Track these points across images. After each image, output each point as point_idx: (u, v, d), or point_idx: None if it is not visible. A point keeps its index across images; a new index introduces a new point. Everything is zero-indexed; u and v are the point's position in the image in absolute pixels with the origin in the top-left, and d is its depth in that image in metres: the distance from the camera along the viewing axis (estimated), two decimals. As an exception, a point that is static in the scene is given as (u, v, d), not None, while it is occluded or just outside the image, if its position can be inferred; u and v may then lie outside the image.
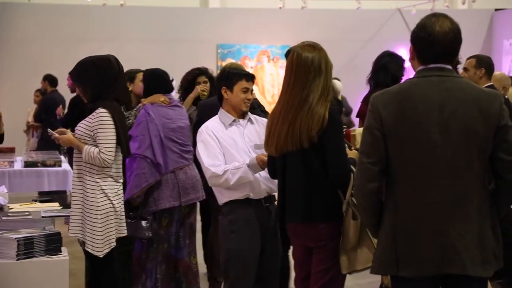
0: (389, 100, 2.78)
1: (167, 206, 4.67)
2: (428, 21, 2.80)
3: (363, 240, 3.41)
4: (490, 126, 2.72)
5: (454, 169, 2.72)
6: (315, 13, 14.79)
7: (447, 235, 2.72)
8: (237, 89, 4.03)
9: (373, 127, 2.78)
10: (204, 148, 3.95)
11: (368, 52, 5.99)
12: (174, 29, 14.24)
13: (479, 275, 2.74)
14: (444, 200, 2.72)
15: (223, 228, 4.01)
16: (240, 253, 3.92)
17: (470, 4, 14.71)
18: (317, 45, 3.55)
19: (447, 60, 2.80)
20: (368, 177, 2.80)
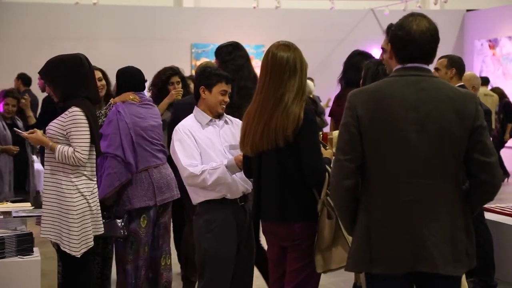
0: (366, 98, 2.79)
1: (142, 205, 4.63)
2: (406, 20, 2.82)
3: (338, 239, 3.41)
4: (465, 126, 2.73)
5: (428, 169, 2.74)
6: (289, 13, 14.83)
7: (419, 233, 2.73)
8: (216, 91, 4.02)
9: (350, 124, 2.79)
10: (181, 147, 3.91)
11: (341, 52, 6.01)
12: (148, 28, 14.19)
13: (450, 273, 2.76)
14: (418, 199, 2.74)
15: (199, 228, 3.98)
16: (217, 253, 3.89)
17: (442, 5, 14.85)
18: (292, 44, 3.55)
19: (424, 59, 2.81)
20: (344, 174, 2.81)
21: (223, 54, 4.67)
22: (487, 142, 2.77)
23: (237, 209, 3.95)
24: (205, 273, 3.93)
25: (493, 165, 2.76)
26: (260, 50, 14.42)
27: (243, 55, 4.64)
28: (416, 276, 2.81)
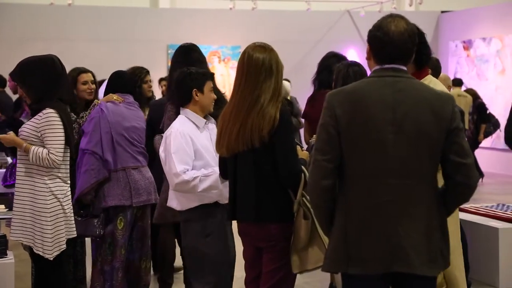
0: (344, 98, 2.80)
1: (116, 203, 4.60)
2: (384, 21, 2.83)
3: (314, 240, 3.42)
4: (442, 128, 2.75)
5: (405, 169, 2.75)
6: (266, 14, 14.84)
7: (395, 234, 2.74)
8: (206, 90, 4.05)
9: (328, 124, 2.79)
10: (177, 153, 3.89)
11: (317, 53, 6.04)
12: (124, 29, 14.12)
13: (426, 274, 2.77)
14: (394, 200, 2.75)
15: (194, 233, 3.98)
16: (218, 256, 3.97)
17: (417, 6, 14.96)
18: (268, 46, 3.56)
19: (402, 60, 2.82)
20: (322, 174, 2.81)
21: (176, 54, 4.65)
22: (463, 144, 2.79)
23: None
24: (208, 278, 3.97)
25: (469, 167, 2.78)
26: (237, 51, 14.42)
27: (197, 56, 4.62)
28: (392, 276, 2.82)
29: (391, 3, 15.03)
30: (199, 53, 4.73)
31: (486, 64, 14.21)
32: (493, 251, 5.65)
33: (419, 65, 3.69)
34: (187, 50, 4.67)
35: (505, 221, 5.82)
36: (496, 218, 5.93)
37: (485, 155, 13.21)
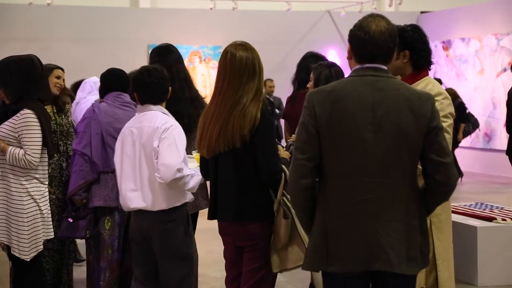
0: (324, 97, 2.81)
1: (101, 204, 4.57)
2: (365, 21, 2.84)
3: (294, 239, 3.43)
4: (421, 127, 2.76)
5: (385, 168, 2.76)
6: (246, 14, 14.86)
7: (375, 233, 2.76)
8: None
9: (308, 123, 2.80)
10: (181, 147, 3.87)
11: (298, 53, 6.05)
12: (104, 29, 14.07)
13: (405, 272, 2.79)
14: (373, 198, 2.76)
15: (178, 234, 3.96)
16: (195, 256, 4.06)
17: (396, 7, 15.05)
18: (249, 45, 3.55)
19: (382, 60, 2.83)
20: (302, 173, 2.82)
21: (153, 55, 4.60)
22: (443, 143, 2.80)
23: None
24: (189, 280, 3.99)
25: (449, 166, 2.79)
26: (217, 51, 14.41)
27: (173, 57, 4.56)
28: (372, 274, 2.84)
29: (371, 3, 15.11)
30: (177, 53, 4.68)
31: (465, 64, 14.33)
32: (472, 249, 5.70)
33: (417, 66, 3.67)
34: (164, 50, 4.62)
35: (483, 220, 5.87)
36: (474, 217, 5.98)
37: (464, 155, 13.32)
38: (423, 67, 3.69)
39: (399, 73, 3.69)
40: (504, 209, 6.28)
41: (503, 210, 6.25)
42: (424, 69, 3.71)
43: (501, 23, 13.39)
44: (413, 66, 3.67)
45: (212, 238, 7.36)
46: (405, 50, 3.63)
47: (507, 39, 13.15)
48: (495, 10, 13.63)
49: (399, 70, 3.67)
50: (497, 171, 12.72)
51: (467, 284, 5.70)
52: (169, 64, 4.45)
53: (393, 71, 3.66)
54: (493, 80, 13.52)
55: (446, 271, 3.72)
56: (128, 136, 4.00)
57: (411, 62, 3.66)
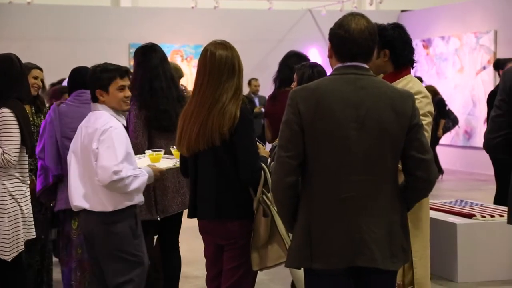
0: (307, 95, 2.83)
1: (63, 207, 4.52)
2: (345, 19, 2.87)
3: (274, 237, 3.45)
4: (403, 125, 2.80)
5: (367, 166, 2.79)
6: (228, 13, 14.86)
7: (358, 229, 2.78)
8: (112, 89, 3.84)
9: (292, 121, 2.82)
10: (119, 148, 3.76)
11: (279, 52, 6.08)
12: (85, 28, 14.01)
13: (388, 268, 2.82)
14: (357, 196, 2.79)
15: (124, 236, 3.85)
16: (145, 258, 3.94)
17: (377, 5, 15.12)
18: (228, 44, 3.55)
19: (363, 58, 2.86)
20: (286, 171, 2.83)
21: (138, 55, 4.57)
22: (423, 140, 2.84)
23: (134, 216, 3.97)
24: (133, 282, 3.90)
25: (429, 162, 2.84)
26: (199, 50, 14.32)
27: (158, 56, 4.53)
28: (355, 270, 2.86)
29: (352, 2, 15.17)
30: (162, 52, 4.63)
31: (445, 62, 14.43)
32: (452, 246, 5.75)
33: (397, 65, 3.69)
34: (149, 50, 4.59)
35: (463, 217, 5.92)
36: (454, 213, 6.03)
37: (444, 152, 13.42)
38: (404, 65, 3.72)
39: (380, 72, 3.72)
40: (484, 206, 6.34)
41: (483, 207, 6.31)
42: (406, 67, 3.73)
43: (480, 21, 13.51)
44: (394, 65, 3.69)
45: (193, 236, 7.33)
46: (385, 49, 3.66)
47: (487, 37, 13.26)
48: (475, 9, 13.74)
49: (380, 69, 3.69)
50: (477, 169, 12.83)
51: (447, 281, 5.76)
52: (155, 63, 4.44)
53: (374, 70, 3.69)
54: (473, 78, 13.62)
55: (423, 269, 3.75)
56: (78, 135, 3.93)
57: (391, 61, 3.68)
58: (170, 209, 4.45)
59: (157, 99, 4.39)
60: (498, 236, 5.81)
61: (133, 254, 3.88)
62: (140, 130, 4.37)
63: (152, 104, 4.38)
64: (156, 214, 4.42)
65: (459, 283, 5.70)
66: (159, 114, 4.39)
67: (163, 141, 4.44)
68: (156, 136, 4.43)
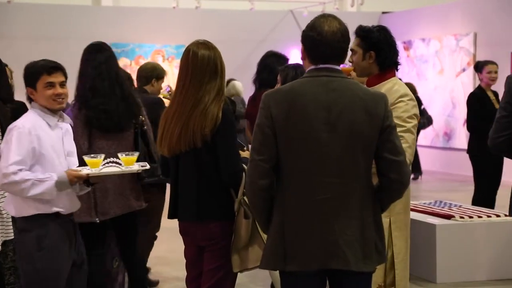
0: (280, 98, 2.84)
1: None
2: (317, 21, 2.88)
3: (255, 239, 3.44)
4: (375, 126, 2.81)
5: (340, 168, 2.80)
6: (209, 13, 14.84)
7: (331, 231, 2.80)
8: (40, 87, 3.60)
9: (264, 124, 2.83)
10: (15, 150, 3.47)
11: (261, 53, 6.08)
12: (66, 27, 13.93)
13: (361, 270, 2.83)
14: (330, 198, 2.80)
15: (27, 246, 3.56)
16: (53, 272, 3.58)
17: (358, 7, 15.18)
18: (210, 44, 3.53)
19: (335, 60, 2.87)
20: (259, 174, 2.85)
21: (83, 54, 4.46)
22: (396, 142, 2.86)
23: (68, 224, 3.69)
24: None
25: (402, 164, 2.85)
26: (181, 50, 14.31)
27: (104, 55, 4.40)
28: (329, 272, 2.88)
29: (334, 3, 15.22)
30: (109, 52, 4.47)
31: (425, 64, 14.52)
32: (431, 247, 5.78)
33: (382, 67, 3.71)
34: (95, 49, 4.44)
35: (442, 218, 5.96)
36: (433, 214, 6.07)
37: (424, 153, 13.50)
38: (389, 67, 3.74)
39: (365, 74, 3.74)
40: (462, 207, 6.40)
41: (461, 208, 6.36)
42: (390, 70, 3.75)
43: (460, 24, 13.61)
44: (379, 67, 3.71)
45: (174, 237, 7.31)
46: (371, 51, 3.67)
47: (466, 39, 13.36)
48: (455, 11, 13.84)
49: (366, 71, 3.71)
50: (456, 170, 12.92)
51: (426, 281, 5.79)
52: (99, 62, 4.33)
53: (359, 72, 3.72)
54: (453, 80, 13.72)
55: (403, 270, 3.78)
56: None
57: (376, 63, 3.70)
58: (111, 211, 4.27)
59: (98, 99, 4.25)
60: (476, 237, 5.86)
61: (37, 268, 3.55)
62: (79, 130, 4.20)
63: (92, 104, 4.24)
64: (96, 216, 4.24)
65: (438, 283, 5.74)
66: (99, 113, 4.24)
67: (105, 141, 4.27)
68: (97, 136, 4.26)
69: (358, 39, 3.68)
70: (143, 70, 5.69)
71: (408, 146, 3.50)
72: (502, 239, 5.89)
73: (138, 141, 4.34)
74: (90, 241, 4.23)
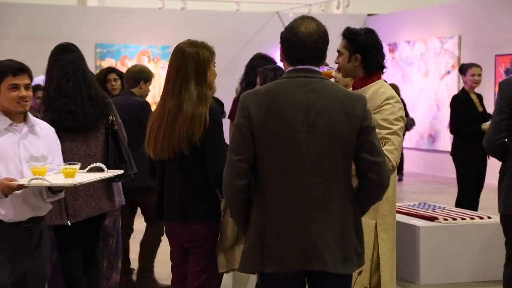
0: (259, 99, 2.85)
1: None
2: (295, 23, 2.89)
3: (241, 239, 3.41)
4: (353, 127, 2.81)
5: (319, 169, 2.80)
6: (195, 14, 14.83)
7: (309, 232, 2.80)
8: (3, 89, 3.47)
9: (243, 125, 2.84)
10: None
11: (247, 54, 6.11)
12: (51, 27, 13.87)
13: (339, 272, 2.83)
14: (309, 199, 2.80)
15: None
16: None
17: (344, 9, 15.23)
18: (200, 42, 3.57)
19: (313, 61, 2.87)
20: (236, 174, 2.85)
21: (50, 55, 4.41)
22: (375, 142, 2.86)
23: (19, 231, 3.50)
24: None
25: (381, 165, 2.85)
26: (166, 51, 14.35)
27: (71, 56, 4.35)
28: (308, 274, 2.87)
29: (319, 5, 15.26)
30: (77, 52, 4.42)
31: (410, 66, 14.59)
32: (414, 248, 5.82)
33: (368, 69, 3.71)
34: (62, 49, 4.38)
35: (426, 220, 6.00)
36: (417, 216, 6.11)
37: (409, 156, 13.57)
38: (375, 70, 3.75)
39: (350, 76, 3.75)
40: (446, 209, 6.44)
41: (445, 210, 6.40)
42: (376, 72, 3.76)
43: (445, 26, 13.69)
44: (364, 70, 3.72)
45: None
46: (357, 53, 3.68)
47: (451, 42, 13.44)
48: (440, 14, 13.92)
49: (351, 73, 3.72)
50: (441, 172, 13.00)
51: (409, 283, 5.82)
52: (66, 63, 4.28)
53: (344, 74, 3.73)
54: (437, 82, 13.80)
55: (389, 272, 3.79)
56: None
57: (362, 66, 3.72)
58: (82, 213, 4.19)
59: (62, 100, 4.20)
60: (459, 239, 5.90)
61: None
62: None
63: (57, 105, 4.20)
64: (67, 218, 4.16)
65: (421, 285, 5.78)
66: (64, 114, 4.18)
67: (72, 143, 4.21)
68: (64, 138, 4.13)
69: (345, 41, 3.69)
70: (131, 72, 5.71)
71: (395, 148, 3.51)
72: (485, 241, 5.94)
73: (108, 141, 4.31)
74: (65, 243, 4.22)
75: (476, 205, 7.18)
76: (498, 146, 4.16)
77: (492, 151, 4.27)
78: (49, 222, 3.86)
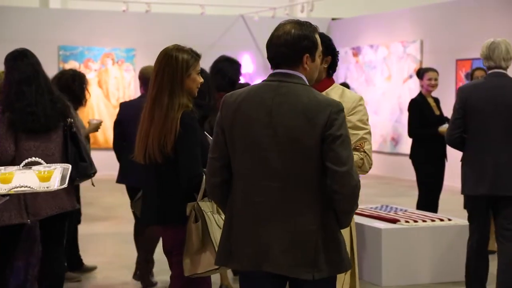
0: (231, 101, 2.91)
1: None
2: (277, 26, 2.93)
3: (207, 244, 3.46)
4: (315, 134, 2.77)
5: (278, 173, 2.81)
6: (160, 17, 14.80)
7: (267, 234, 2.81)
8: None
9: (217, 124, 2.93)
10: None
11: (212, 57, 6.10)
12: (13, 29, 13.71)
13: (300, 277, 2.80)
14: (267, 201, 2.82)
15: None
16: None
17: (308, 13, 15.32)
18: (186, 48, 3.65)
19: (285, 64, 2.87)
20: (211, 172, 2.95)
21: (8, 61, 4.41)
22: (339, 151, 2.76)
23: None
24: None
25: (343, 175, 2.76)
26: (131, 54, 14.29)
27: (30, 61, 4.37)
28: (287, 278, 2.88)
29: (284, 9, 15.34)
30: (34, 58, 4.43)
31: (373, 70, 14.74)
32: (377, 250, 5.89)
33: (329, 72, 3.77)
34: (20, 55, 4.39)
35: (388, 222, 6.08)
36: (379, 219, 6.17)
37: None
38: (333, 74, 3.85)
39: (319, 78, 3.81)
40: (408, 212, 6.52)
41: (407, 212, 6.48)
42: (332, 76, 3.86)
43: (408, 31, 13.86)
44: (327, 72, 3.80)
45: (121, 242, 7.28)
46: (328, 56, 3.74)
47: (413, 46, 13.62)
48: (402, 19, 14.10)
49: (320, 75, 3.78)
50: (403, 175, 13.14)
51: (372, 285, 5.89)
52: (26, 68, 4.31)
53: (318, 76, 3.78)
54: (400, 86, 13.96)
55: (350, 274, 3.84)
56: None
57: (328, 68, 3.78)
58: (42, 212, 4.22)
59: (24, 102, 4.23)
60: (421, 241, 5.99)
61: None
62: (3, 134, 4.18)
63: (17, 107, 4.22)
64: (27, 217, 4.18)
65: (384, 287, 5.85)
66: (26, 116, 4.21)
67: (32, 143, 4.23)
68: (23, 138, 4.21)
69: None
70: (147, 73, 5.58)
71: (371, 147, 3.66)
72: (445, 243, 6.04)
73: (67, 143, 4.32)
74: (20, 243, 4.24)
75: (436, 207, 7.29)
76: (455, 139, 5.00)
77: (452, 144, 5.07)
78: (9, 221, 3.82)
